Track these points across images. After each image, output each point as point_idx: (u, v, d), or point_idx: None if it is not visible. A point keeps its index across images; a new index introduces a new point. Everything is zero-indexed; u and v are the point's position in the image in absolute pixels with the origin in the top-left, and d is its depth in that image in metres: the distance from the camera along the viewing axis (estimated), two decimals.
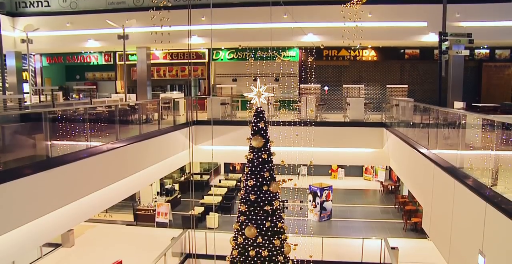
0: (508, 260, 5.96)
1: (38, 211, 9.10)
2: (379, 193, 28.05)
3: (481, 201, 6.95)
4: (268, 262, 8.79)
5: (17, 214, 8.43)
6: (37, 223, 9.28)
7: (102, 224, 20.51)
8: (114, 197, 13.68)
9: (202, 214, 21.91)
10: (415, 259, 16.17)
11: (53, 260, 15.88)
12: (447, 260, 9.28)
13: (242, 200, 8.83)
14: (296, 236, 11.31)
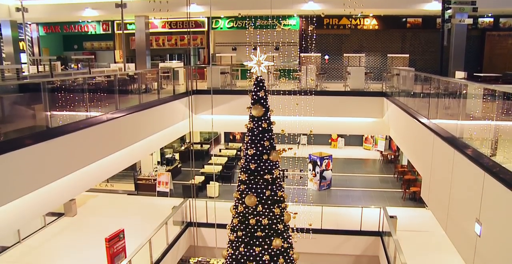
0: (504, 228, 6.03)
1: (39, 181, 9.17)
2: (378, 162, 28.21)
3: (479, 171, 6.98)
4: (268, 230, 8.89)
5: (19, 184, 8.49)
6: (40, 193, 9.35)
7: (104, 193, 20.70)
8: (114, 167, 13.76)
9: (202, 183, 22.08)
10: (413, 227, 16.39)
11: (57, 229, 16.11)
12: (445, 229, 9.39)
13: (242, 169, 8.86)
14: (296, 204, 11.43)
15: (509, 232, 5.85)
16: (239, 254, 9.11)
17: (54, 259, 13.76)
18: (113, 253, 12.52)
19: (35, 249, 14.44)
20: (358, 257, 16.69)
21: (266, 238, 8.90)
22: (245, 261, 9.04)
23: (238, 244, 9.10)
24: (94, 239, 14.58)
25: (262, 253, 8.94)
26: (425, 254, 14.08)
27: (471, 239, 7.23)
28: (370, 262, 16.60)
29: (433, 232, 15.54)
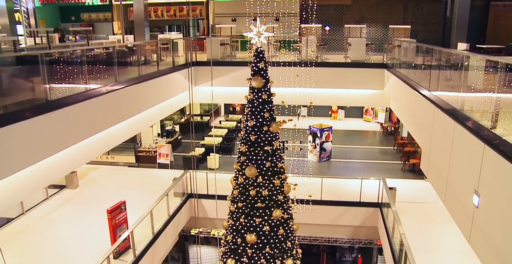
0: (502, 199, 6.07)
1: (40, 154, 9.19)
2: (378, 134, 28.24)
3: (479, 143, 6.98)
4: (268, 201, 8.96)
5: (20, 157, 8.52)
6: (41, 165, 9.39)
7: (105, 166, 20.80)
8: (115, 139, 13.79)
9: (202, 155, 22.17)
10: (412, 199, 16.52)
11: (59, 201, 16.25)
12: (443, 200, 9.47)
13: (242, 141, 8.88)
14: (296, 176, 11.48)
15: (506, 203, 5.90)
16: (239, 225, 9.22)
17: (57, 230, 13.94)
18: (115, 224, 12.66)
19: (39, 221, 14.62)
20: (357, 228, 16.89)
21: (266, 209, 8.98)
22: (246, 231, 9.14)
23: (239, 215, 9.20)
24: (96, 211, 14.74)
25: (262, 224, 9.04)
26: (423, 225, 14.24)
27: (469, 210, 7.29)
28: (369, 233, 16.82)
29: (431, 203, 15.69)
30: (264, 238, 9.10)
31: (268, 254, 9.18)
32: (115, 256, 12.16)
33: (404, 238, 11.80)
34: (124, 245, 12.50)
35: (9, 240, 13.32)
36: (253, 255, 9.18)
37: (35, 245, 13.04)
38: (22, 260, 12.35)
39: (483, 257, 6.80)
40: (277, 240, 9.22)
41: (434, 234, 13.63)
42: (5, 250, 12.75)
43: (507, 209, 5.84)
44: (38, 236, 13.58)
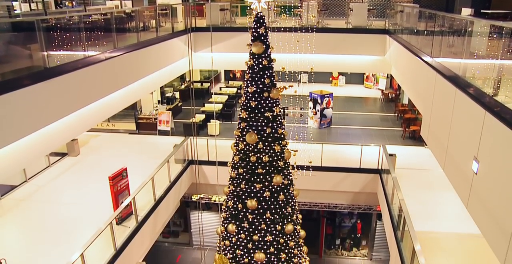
0: (500, 165, 6.10)
1: (41, 121, 9.19)
2: (379, 101, 28.16)
3: (480, 110, 6.96)
4: (268, 167, 9.02)
5: (21, 125, 8.52)
6: (42, 133, 9.41)
7: (105, 133, 20.83)
8: (115, 106, 13.76)
9: (203, 121, 22.18)
10: (412, 165, 16.61)
11: (61, 169, 16.35)
12: (443, 166, 9.53)
13: (242, 107, 8.86)
14: (296, 142, 11.51)
15: (505, 169, 5.93)
16: (240, 190, 9.31)
17: (60, 197, 14.08)
18: (117, 191, 12.77)
19: (42, 188, 14.75)
20: (356, 194, 17.06)
21: (266, 175, 9.05)
22: (246, 197, 9.24)
23: (239, 181, 9.27)
24: (97, 178, 14.85)
25: (263, 189, 9.12)
26: (422, 191, 14.37)
27: (468, 176, 7.34)
28: (369, 198, 17.00)
29: (431, 170, 15.79)
30: (265, 203, 9.20)
31: (268, 219, 9.30)
32: (117, 222, 12.32)
33: (403, 204, 11.94)
34: (127, 211, 12.65)
35: (14, 207, 13.49)
36: (253, 220, 9.31)
37: (40, 212, 13.21)
38: (27, 226, 12.54)
39: (480, 222, 6.89)
40: (278, 205, 9.33)
41: (432, 200, 13.77)
42: (11, 217, 12.96)
43: (505, 176, 5.88)
44: (42, 203, 13.74)
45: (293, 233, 9.85)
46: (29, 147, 9.64)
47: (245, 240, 9.57)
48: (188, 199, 18.31)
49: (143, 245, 13.10)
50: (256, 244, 9.52)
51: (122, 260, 11.34)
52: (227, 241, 9.87)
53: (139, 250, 12.84)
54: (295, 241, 9.98)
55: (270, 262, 9.71)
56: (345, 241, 21.13)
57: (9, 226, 12.62)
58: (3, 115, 8.01)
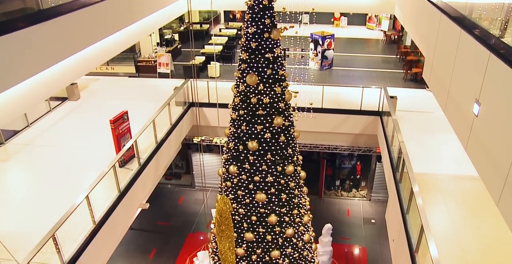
0: (501, 108, 6.07)
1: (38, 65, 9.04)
2: (381, 42, 27.72)
3: (485, 51, 6.82)
4: (269, 109, 9.01)
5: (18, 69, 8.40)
6: (40, 77, 9.31)
7: (105, 77, 20.66)
8: (113, 49, 13.52)
9: (203, 63, 21.96)
10: (412, 107, 16.57)
11: (62, 113, 16.35)
12: (444, 109, 9.50)
13: (243, 48, 8.72)
14: (297, 84, 11.43)
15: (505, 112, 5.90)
16: (241, 132, 9.34)
17: (62, 141, 14.17)
18: (119, 134, 12.83)
19: (44, 132, 14.82)
20: (357, 136, 17.17)
21: (267, 117, 9.05)
22: (247, 139, 9.29)
23: (240, 122, 9.29)
24: (99, 122, 14.88)
25: (264, 131, 9.16)
26: (422, 133, 14.43)
27: (468, 119, 7.33)
28: (369, 140, 17.12)
29: (432, 112, 15.78)
30: (265, 145, 9.27)
31: (269, 160, 9.41)
32: (120, 164, 12.48)
33: (403, 146, 12.03)
34: (129, 154, 12.78)
35: (18, 151, 13.63)
36: (254, 161, 9.42)
37: (43, 156, 13.34)
38: (32, 170, 12.72)
39: (478, 164, 6.96)
40: (278, 147, 9.40)
41: (432, 142, 13.86)
42: (16, 161, 13.12)
43: (505, 118, 5.87)
44: (45, 147, 13.85)
45: (293, 174, 10.00)
46: (28, 92, 9.58)
47: (246, 181, 9.72)
48: (190, 142, 18.47)
49: (146, 187, 13.36)
50: (257, 185, 9.69)
51: (126, 202, 11.59)
52: (228, 182, 10.03)
53: (143, 191, 13.11)
54: (295, 182, 10.14)
55: (270, 202, 9.92)
56: (344, 182, 21.53)
57: (14, 169, 12.81)
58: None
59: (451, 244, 9.36)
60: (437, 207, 10.75)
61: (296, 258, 11.11)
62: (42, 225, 9.09)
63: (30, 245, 8.41)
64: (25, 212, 10.64)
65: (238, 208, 10.09)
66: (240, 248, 10.51)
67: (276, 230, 10.23)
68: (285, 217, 10.23)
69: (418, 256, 9.12)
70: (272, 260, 10.71)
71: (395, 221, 11.78)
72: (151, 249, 17.76)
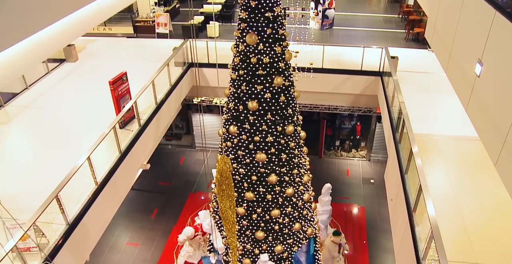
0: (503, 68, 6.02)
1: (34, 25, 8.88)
2: (383, 1, 27.22)
3: (490, 10, 6.69)
4: (269, 69, 8.95)
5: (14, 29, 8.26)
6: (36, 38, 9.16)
7: (103, 38, 20.37)
8: (110, 8, 13.25)
9: (202, 23, 21.63)
10: (414, 68, 16.43)
11: (60, 75, 16.21)
12: (445, 69, 9.42)
13: (242, 7, 8.57)
14: (297, 43, 11.29)
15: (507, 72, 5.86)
16: (241, 92, 9.32)
17: (62, 103, 14.12)
18: (118, 95, 12.77)
19: (43, 95, 14.74)
20: (357, 96, 17.11)
21: (267, 76, 9.00)
22: (247, 99, 9.27)
23: (240, 82, 9.25)
24: (98, 83, 14.79)
25: (264, 91, 9.13)
26: (423, 94, 14.38)
27: (470, 79, 7.28)
28: (369, 101, 17.08)
29: (433, 73, 15.68)
30: (266, 105, 9.26)
31: (269, 120, 9.43)
32: (120, 126, 12.49)
33: (403, 106, 12.00)
34: (129, 115, 12.77)
35: (18, 114, 13.61)
36: (254, 121, 9.44)
37: (43, 118, 13.33)
38: (33, 132, 12.74)
39: (478, 124, 6.96)
40: (278, 107, 9.40)
41: (432, 103, 13.84)
42: (16, 123, 13.12)
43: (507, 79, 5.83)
44: (45, 109, 13.82)
45: (293, 134, 10.04)
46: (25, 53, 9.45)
47: (246, 141, 9.78)
48: (190, 102, 18.43)
49: (147, 148, 13.43)
50: (257, 145, 9.75)
51: (128, 162, 11.68)
52: (228, 142, 10.09)
53: (143, 152, 13.19)
54: (295, 142, 10.20)
55: (271, 162, 10.01)
56: (344, 143, 21.64)
57: (15, 132, 12.83)
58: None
59: (448, 204, 9.50)
60: (435, 167, 10.85)
61: (296, 217, 11.31)
62: (45, 186, 9.20)
63: (34, 206, 8.53)
64: (28, 173, 10.74)
65: (239, 168, 10.18)
66: (240, 207, 10.69)
67: (276, 190, 10.36)
68: (285, 177, 10.35)
69: (415, 215, 9.27)
70: (272, 219, 10.91)
71: (393, 181, 11.91)
72: (153, 209, 18.05)
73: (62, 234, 8.88)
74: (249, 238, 11.40)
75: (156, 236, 16.69)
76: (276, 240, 11.41)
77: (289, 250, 11.84)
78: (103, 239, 15.43)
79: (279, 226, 11.11)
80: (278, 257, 11.77)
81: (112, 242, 16.44)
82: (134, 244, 16.40)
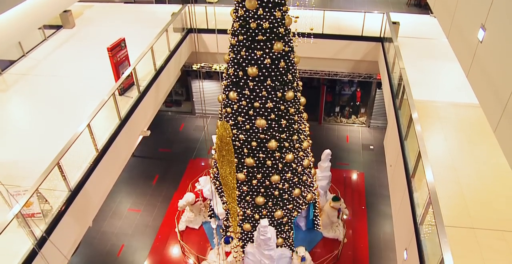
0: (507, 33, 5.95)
1: None
2: None
3: None
4: (269, 34, 8.86)
5: None
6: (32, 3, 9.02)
7: (100, 3, 19.98)
8: None
9: None
10: (415, 34, 16.22)
11: (58, 41, 16.00)
12: (447, 35, 9.31)
13: None
14: (298, 8, 11.10)
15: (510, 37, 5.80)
16: (240, 58, 9.25)
17: (60, 70, 14.00)
18: (117, 62, 12.65)
19: (41, 62, 14.59)
20: (357, 62, 16.99)
21: (267, 42, 8.92)
22: (247, 64, 9.22)
23: (240, 48, 9.17)
24: (96, 50, 14.64)
25: (263, 56, 9.06)
26: (424, 60, 14.25)
27: (472, 44, 7.21)
28: (369, 67, 16.97)
29: (435, 39, 15.50)
30: (265, 70, 9.22)
31: (269, 86, 9.40)
32: (120, 92, 12.43)
33: (404, 72, 11.92)
34: (128, 81, 12.70)
35: (16, 81, 13.51)
36: (254, 87, 9.41)
37: (42, 85, 13.24)
38: (32, 100, 12.69)
39: (478, 90, 6.94)
40: (278, 72, 9.35)
41: (433, 69, 13.73)
42: (14, 91, 13.05)
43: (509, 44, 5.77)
44: (43, 76, 13.71)
45: (293, 100, 10.03)
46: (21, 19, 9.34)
47: (246, 107, 9.78)
48: (189, 68, 18.32)
49: (146, 115, 13.43)
50: (257, 111, 9.75)
51: (128, 129, 11.70)
52: (228, 108, 10.09)
53: (143, 119, 13.19)
54: (295, 108, 10.20)
55: (270, 128, 10.03)
56: (344, 109, 21.63)
57: (14, 99, 12.77)
58: None
59: (446, 170, 9.58)
60: (435, 134, 10.88)
61: (296, 182, 11.44)
62: (46, 153, 9.24)
63: (36, 173, 8.59)
64: (29, 141, 10.76)
65: (239, 134, 10.23)
66: (241, 173, 10.79)
67: (276, 156, 10.44)
68: (285, 143, 10.40)
69: (414, 181, 9.36)
70: (272, 184, 11.03)
71: (393, 147, 11.97)
72: (153, 175, 18.21)
73: (64, 201, 8.98)
74: (249, 204, 11.56)
75: (157, 202, 16.92)
76: (276, 206, 11.58)
77: (289, 215, 12.03)
78: (105, 205, 15.65)
79: (279, 192, 11.25)
80: (278, 222, 11.97)
81: (114, 208, 16.67)
82: (136, 210, 16.64)
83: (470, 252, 7.63)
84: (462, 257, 7.38)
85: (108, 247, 15.29)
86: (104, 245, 15.35)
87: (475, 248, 7.70)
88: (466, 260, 7.45)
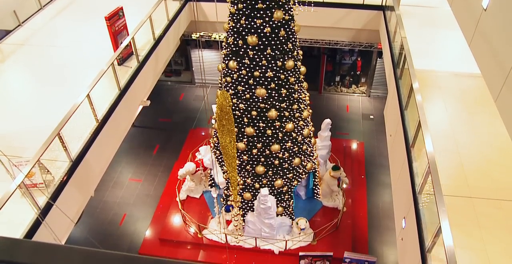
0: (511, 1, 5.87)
1: None
2: None
3: None
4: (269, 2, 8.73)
5: None
6: None
7: None
8: None
9: None
10: (417, 2, 15.85)
11: (54, 11, 15.68)
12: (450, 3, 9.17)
13: None
14: None
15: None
16: (240, 26, 9.15)
17: (58, 40, 13.82)
18: (115, 31, 12.50)
19: (37, 32, 14.38)
20: (358, 31, 16.80)
21: (267, 10, 8.80)
22: (247, 33, 9.12)
23: (239, 16, 9.05)
24: (93, 19, 14.41)
25: (263, 25, 8.96)
26: (426, 29, 14.05)
27: (476, 12, 7.12)
28: (370, 36, 16.78)
29: (437, 7, 15.25)
30: (265, 39, 9.13)
31: (269, 55, 9.33)
32: (119, 62, 12.34)
33: (405, 41, 11.79)
34: (127, 51, 12.58)
35: (13, 52, 13.36)
36: (254, 56, 9.34)
37: (39, 55, 13.10)
38: (30, 70, 12.59)
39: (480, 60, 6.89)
40: (278, 41, 9.27)
41: (435, 39, 13.56)
42: (12, 62, 12.92)
43: None
44: (40, 46, 13.55)
45: (293, 69, 9.97)
46: None
47: (246, 76, 9.73)
48: (188, 38, 18.14)
49: (146, 84, 13.37)
50: (257, 80, 9.71)
51: (127, 99, 11.67)
52: (228, 78, 10.04)
53: (143, 89, 13.14)
54: (295, 77, 10.15)
55: (270, 97, 10.01)
56: (344, 78, 21.54)
57: (12, 70, 12.66)
58: None
59: (446, 140, 9.60)
60: (435, 103, 10.85)
61: (296, 152, 11.49)
62: (46, 124, 9.24)
63: (37, 144, 8.61)
64: (28, 112, 10.72)
65: (239, 103, 10.21)
66: (241, 142, 10.83)
67: (276, 125, 10.46)
68: (285, 112, 10.40)
69: (414, 151, 9.40)
70: (272, 154, 11.08)
71: (393, 117, 11.97)
72: (154, 145, 18.29)
73: (66, 171, 9.04)
74: (250, 173, 11.65)
75: (158, 171, 17.05)
76: (276, 175, 11.67)
77: (289, 184, 12.14)
78: (107, 175, 15.78)
79: (279, 161, 11.32)
80: (278, 191, 12.09)
81: (116, 178, 16.81)
82: (137, 180, 16.78)
83: (467, 221, 7.74)
84: (459, 225, 7.49)
85: (110, 216, 15.50)
86: (107, 215, 15.56)
87: (472, 217, 7.80)
88: (463, 228, 7.56)
